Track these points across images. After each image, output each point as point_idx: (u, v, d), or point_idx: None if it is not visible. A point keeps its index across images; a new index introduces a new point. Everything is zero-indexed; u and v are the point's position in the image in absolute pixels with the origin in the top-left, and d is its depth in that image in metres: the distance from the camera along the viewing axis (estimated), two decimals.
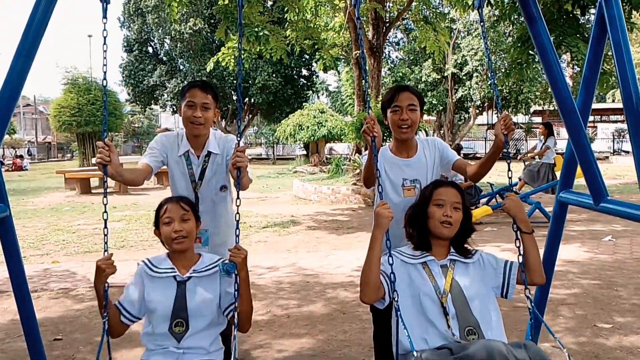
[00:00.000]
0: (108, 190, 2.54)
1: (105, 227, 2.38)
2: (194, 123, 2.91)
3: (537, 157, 10.84)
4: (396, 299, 2.18)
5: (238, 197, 2.37)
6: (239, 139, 2.51)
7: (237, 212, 2.31)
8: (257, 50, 11.41)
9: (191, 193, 2.97)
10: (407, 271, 2.27)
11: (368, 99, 2.60)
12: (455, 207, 2.29)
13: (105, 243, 2.37)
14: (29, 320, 3.25)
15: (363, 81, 2.78)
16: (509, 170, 2.50)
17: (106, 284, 2.34)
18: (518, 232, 2.36)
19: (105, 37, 2.46)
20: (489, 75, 2.75)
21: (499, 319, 2.26)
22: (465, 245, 2.38)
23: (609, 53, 2.71)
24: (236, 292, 2.28)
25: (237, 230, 2.32)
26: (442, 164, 2.86)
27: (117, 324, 2.38)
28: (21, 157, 32.81)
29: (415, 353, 2.06)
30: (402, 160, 2.81)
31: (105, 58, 2.48)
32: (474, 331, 2.13)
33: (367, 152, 2.56)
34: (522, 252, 2.35)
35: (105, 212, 2.38)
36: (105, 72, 2.49)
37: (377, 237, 2.23)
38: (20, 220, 10.21)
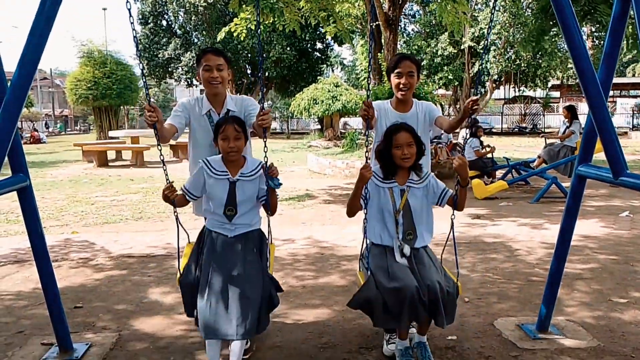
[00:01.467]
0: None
1: (164, 165, 3.23)
2: (213, 83, 3.38)
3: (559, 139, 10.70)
4: (366, 212, 3.29)
5: (265, 146, 3.10)
6: (262, 103, 3.16)
7: (265, 152, 3.09)
8: (270, 21, 11.29)
9: (215, 147, 3.31)
10: (378, 191, 3.26)
11: (369, 77, 3.42)
12: (409, 144, 3.15)
13: (167, 176, 3.18)
14: (51, 288, 3.34)
15: (372, 57, 3.58)
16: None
17: (174, 200, 3.19)
18: (458, 184, 3.18)
19: (129, 10, 2.91)
20: (485, 49, 2.76)
21: (431, 221, 3.33)
22: (420, 164, 3.26)
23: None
24: (268, 185, 3.17)
25: (266, 152, 3.10)
26: (430, 120, 3.64)
27: (183, 201, 3.25)
28: (46, 126, 32.98)
29: (367, 241, 3.32)
30: (399, 113, 3.60)
31: (133, 26, 2.98)
32: (411, 233, 3.21)
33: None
34: (457, 194, 3.22)
35: (161, 154, 3.18)
36: (136, 38, 3.01)
37: (359, 187, 3.16)
38: (39, 192, 10.36)
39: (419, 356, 3.14)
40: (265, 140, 3.13)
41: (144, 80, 3.19)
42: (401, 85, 3.50)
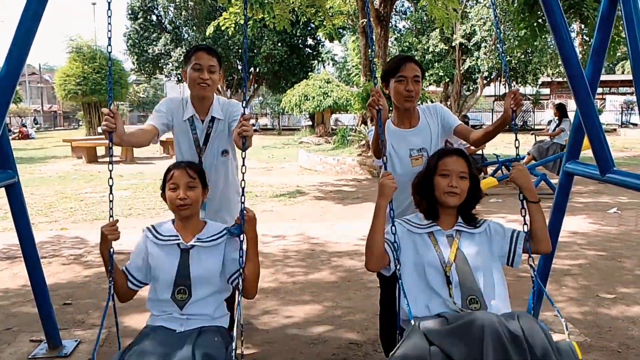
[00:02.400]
0: (115, 159, 2.55)
1: (111, 193, 2.40)
2: (201, 84, 2.93)
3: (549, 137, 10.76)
4: (399, 268, 2.23)
5: (244, 164, 2.36)
6: (244, 107, 2.51)
7: (243, 179, 2.33)
8: (260, 17, 11.25)
9: (195, 158, 2.99)
10: (413, 240, 2.30)
11: (374, 69, 2.59)
12: (461, 176, 2.28)
13: (111, 209, 2.40)
14: (39, 285, 3.33)
15: (369, 50, 2.74)
16: (516, 139, 2.48)
17: (111, 249, 2.38)
18: (524, 202, 2.37)
19: (109, 3, 2.44)
20: (498, 45, 2.76)
21: (504, 287, 2.27)
22: (474, 213, 2.38)
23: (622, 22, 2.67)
24: (241, 259, 2.29)
25: (243, 196, 2.34)
26: (445, 130, 2.82)
27: (125, 289, 2.42)
28: (34, 122, 32.82)
29: (412, 321, 2.10)
30: (406, 131, 2.79)
31: (109, 24, 2.47)
32: (476, 300, 2.15)
33: (373, 125, 2.54)
34: (527, 222, 2.35)
35: (111, 178, 2.39)
36: (109, 38, 2.48)
37: (382, 205, 2.26)
38: (28, 188, 10.29)
39: None
40: (244, 157, 2.40)
41: (110, 80, 2.52)
42: (406, 93, 2.71)
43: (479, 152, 10.39)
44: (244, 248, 2.31)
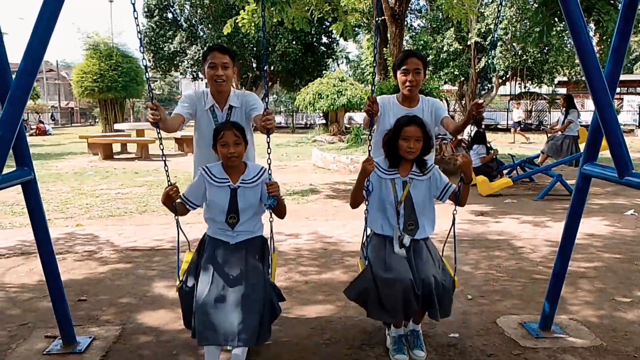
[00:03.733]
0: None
1: (165, 165, 3.16)
2: (217, 81, 3.46)
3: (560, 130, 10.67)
4: (367, 203, 3.32)
5: (269, 147, 3.07)
6: (266, 103, 3.15)
7: (269, 153, 3.06)
8: (277, 18, 11.26)
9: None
10: (380, 182, 3.29)
11: (374, 73, 3.38)
12: (417, 139, 3.16)
13: (168, 176, 3.15)
14: (54, 281, 3.36)
15: (377, 52, 3.42)
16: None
17: (175, 203, 3.13)
18: (461, 180, 3.21)
19: (133, 4, 2.83)
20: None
21: (433, 215, 3.34)
22: (425, 159, 3.28)
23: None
24: (274, 202, 3.10)
25: (270, 169, 3.10)
26: (434, 118, 3.63)
27: (183, 209, 3.20)
28: (52, 118, 33.18)
29: (369, 230, 3.39)
30: (405, 108, 3.61)
31: (136, 18, 2.91)
32: (413, 224, 3.24)
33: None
34: (459, 191, 3.25)
35: (162, 151, 3.19)
36: (140, 35, 2.93)
37: (362, 180, 3.21)
38: (44, 184, 10.41)
39: (411, 344, 3.26)
40: (269, 151, 3.07)
41: (147, 77, 3.18)
42: (407, 83, 3.54)
43: (494, 157, 10.23)
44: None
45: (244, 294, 2.85)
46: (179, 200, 3.16)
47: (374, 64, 3.38)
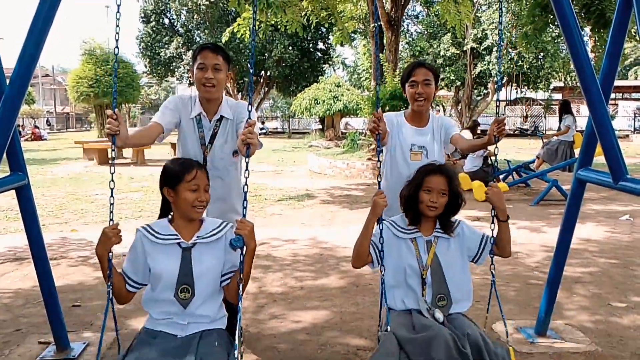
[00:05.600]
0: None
1: (112, 195, 2.46)
2: (206, 85, 2.91)
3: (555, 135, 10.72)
4: (383, 272, 2.64)
5: (247, 170, 2.35)
6: (249, 111, 2.46)
7: (246, 184, 2.32)
8: (272, 21, 11.29)
9: (200, 156, 2.98)
10: (398, 244, 2.67)
11: (378, 89, 2.88)
12: (442, 193, 2.62)
13: (111, 212, 2.45)
14: (48, 286, 3.33)
15: (378, 57, 3.16)
16: (495, 154, 2.46)
17: (110, 253, 2.36)
18: (495, 219, 2.74)
19: (118, 5, 2.46)
20: (498, 50, 2.75)
21: (469, 285, 2.74)
22: (451, 221, 2.72)
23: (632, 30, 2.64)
24: (242, 264, 2.30)
25: (245, 202, 2.33)
26: (445, 137, 3.26)
27: (124, 292, 2.42)
28: (47, 123, 33.12)
29: (389, 328, 2.47)
30: (415, 128, 3.24)
31: (118, 27, 2.50)
32: (444, 298, 2.60)
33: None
34: (495, 234, 2.75)
35: (112, 180, 2.46)
36: (117, 40, 2.49)
37: (371, 220, 2.64)
38: (39, 189, 10.37)
39: None
40: (247, 163, 2.37)
41: (115, 82, 2.61)
42: (417, 96, 3.14)
43: (490, 162, 10.25)
44: (243, 254, 2.31)
45: None
46: (117, 276, 2.40)
47: (375, 73, 3.11)
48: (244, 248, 2.29)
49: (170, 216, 2.47)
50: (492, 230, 2.72)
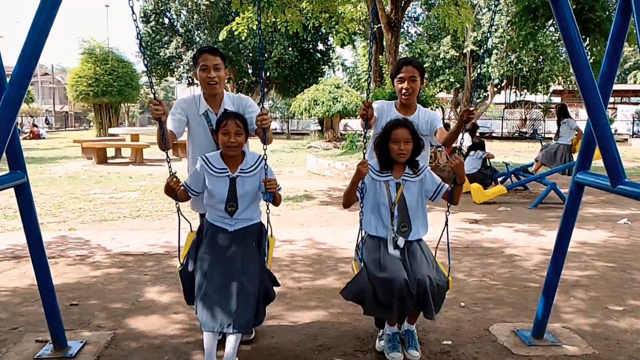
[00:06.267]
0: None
1: (167, 157, 3.22)
2: (210, 83, 3.39)
3: (554, 138, 10.74)
4: (362, 205, 3.30)
5: (265, 149, 3.15)
6: (262, 104, 3.24)
7: (264, 154, 3.18)
8: (272, 21, 11.29)
9: (213, 145, 3.45)
10: (374, 185, 3.34)
11: (369, 81, 3.46)
12: (407, 141, 3.21)
13: (170, 167, 3.23)
14: (46, 285, 3.33)
15: (373, 58, 3.25)
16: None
17: (176, 193, 3.24)
18: (453, 182, 3.25)
19: (132, 7, 2.89)
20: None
21: (425, 216, 3.39)
22: (417, 160, 3.34)
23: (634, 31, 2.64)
24: (270, 198, 3.24)
25: (266, 165, 3.20)
26: (429, 128, 3.67)
27: (185, 196, 3.34)
28: (46, 122, 33.14)
29: (363, 232, 3.36)
30: (402, 115, 3.59)
31: (135, 20, 2.95)
32: (406, 226, 3.29)
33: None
34: (451, 190, 3.31)
35: (165, 146, 3.23)
36: (139, 34, 3.01)
37: (356, 182, 3.22)
38: (37, 188, 10.36)
39: (406, 343, 3.33)
40: (265, 146, 3.17)
41: (150, 75, 3.28)
42: (403, 90, 3.60)
43: (488, 164, 10.26)
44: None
45: (242, 282, 2.99)
46: (182, 188, 3.27)
47: (369, 70, 3.35)
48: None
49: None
50: (451, 186, 3.28)
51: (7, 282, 4.77)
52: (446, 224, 3.30)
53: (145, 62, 3.13)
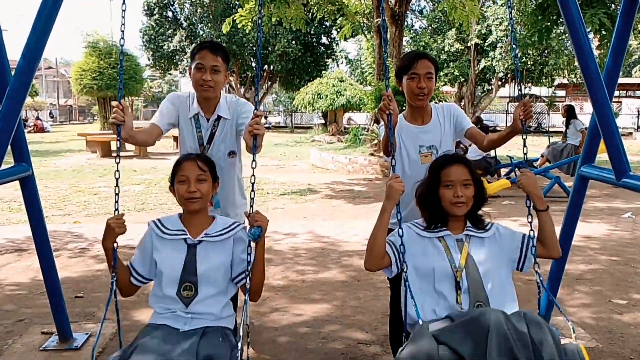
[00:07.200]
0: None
1: (117, 186, 2.35)
2: (203, 86, 2.80)
3: (562, 139, 10.69)
4: (405, 270, 2.21)
5: (254, 160, 2.24)
6: (256, 104, 2.43)
7: (253, 175, 2.21)
8: (276, 20, 11.27)
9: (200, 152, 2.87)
10: (422, 244, 2.26)
11: (387, 70, 2.49)
12: (465, 184, 2.24)
13: (116, 202, 2.34)
14: (51, 277, 3.35)
15: (383, 51, 2.76)
16: (525, 146, 2.45)
17: (115, 244, 2.30)
18: (531, 208, 2.38)
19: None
20: (512, 46, 2.69)
21: (512, 292, 2.26)
22: (480, 214, 2.35)
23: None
24: (249, 260, 2.22)
25: (253, 193, 2.22)
26: (457, 131, 2.85)
27: (127, 284, 2.34)
28: (50, 115, 33.26)
29: (420, 322, 2.09)
30: (418, 127, 2.80)
31: (123, 17, 2.42)
32: (483, 306, 2.12)
33: (383, 124, 2.56)
34: (533, 228, 2.35)
35: (118, 171, 2.34)
36: (122, 31, 2.42)
37: (387, 208, 2.26)
38: (42, 181, 10.39)
39: None
40: (254, 155, 2.28)
41: (121, 73, 2.54)
42: (418, 90, 2.72)
43: (492, 154, 10.26)
44: (253, 249, 2.23)
45: None
46: (125, 263, 2.35)
47: (385, 56, 2.58)
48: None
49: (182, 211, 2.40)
50: (530, 222, 2.33)
51: (13, 275, 4.80)
52: (540, 284, 2.32)
53: (121, 57, 2.53)
